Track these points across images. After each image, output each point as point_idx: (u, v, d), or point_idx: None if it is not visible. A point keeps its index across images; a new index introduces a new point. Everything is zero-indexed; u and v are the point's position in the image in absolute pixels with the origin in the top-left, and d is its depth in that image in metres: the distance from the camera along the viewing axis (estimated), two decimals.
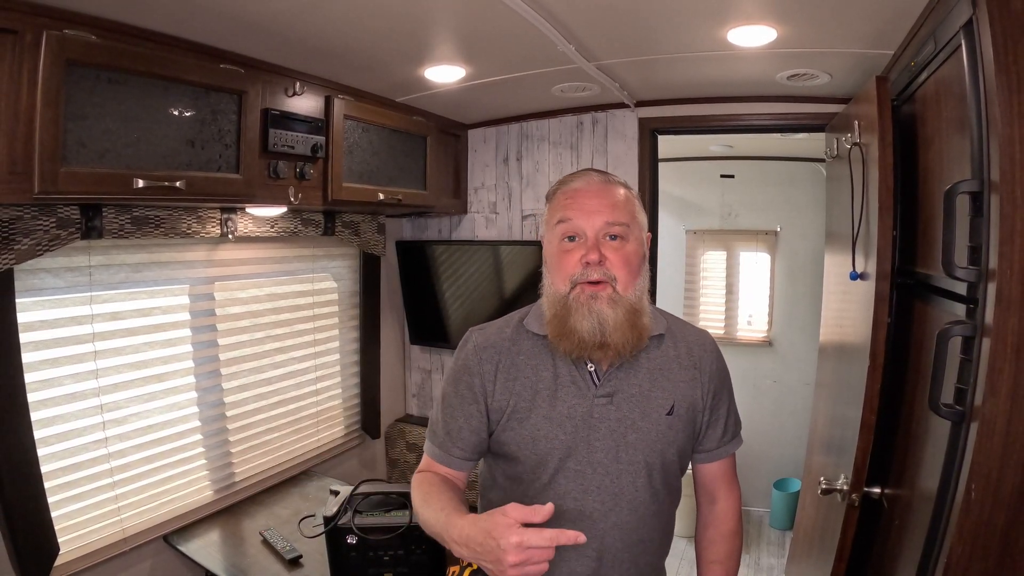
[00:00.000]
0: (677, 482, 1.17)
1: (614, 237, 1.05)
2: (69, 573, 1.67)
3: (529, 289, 2.61)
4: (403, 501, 1.54)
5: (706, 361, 1.16)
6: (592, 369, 1.09)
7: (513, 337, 1.14)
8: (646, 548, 1.12)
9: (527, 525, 0.86)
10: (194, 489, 2.06)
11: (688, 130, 2.56)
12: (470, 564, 1.15)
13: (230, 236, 2.01)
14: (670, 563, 3.25)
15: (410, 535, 1.48)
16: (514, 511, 0.86)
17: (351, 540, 1.47)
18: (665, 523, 1.16)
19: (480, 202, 2.91)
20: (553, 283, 1.08)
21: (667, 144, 2.74)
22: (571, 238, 1.06)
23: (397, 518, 1.51)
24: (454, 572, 1.17)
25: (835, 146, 1.89)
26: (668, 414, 1.10)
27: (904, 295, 1.49)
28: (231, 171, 1.71)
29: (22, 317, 1.54)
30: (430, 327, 2.97)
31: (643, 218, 1.12)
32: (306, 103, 1.96)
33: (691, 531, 1.39)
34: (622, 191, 1.09)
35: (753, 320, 4.00)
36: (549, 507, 0.87)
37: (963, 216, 1.04)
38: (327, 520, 1.48)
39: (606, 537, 1.07)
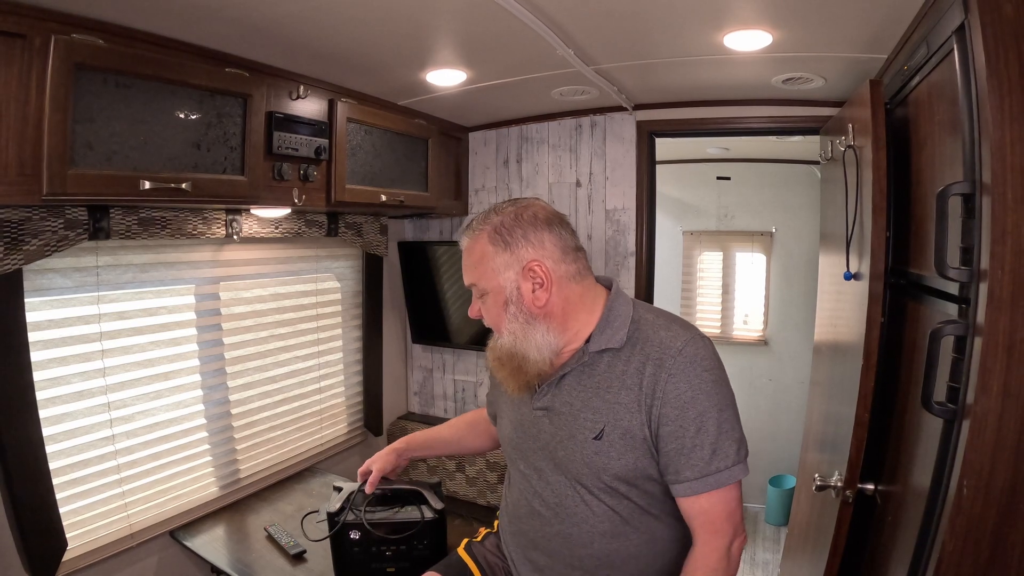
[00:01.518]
0: (658, 508, 1.08)
1: (476, 295, 1.13)
2: (77, 568, 1.69)
3: None
4: (407, 497, 1.53)
5: (660, 382, 1.00)
6: (537, 382, 1.13)
7: None
8: (616, 570, 1.09)
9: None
10: (200, 485, 2.08)
11: (685, 133, 2.58)
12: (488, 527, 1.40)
13: (235, 237, 2.03)
14: None
15: (413, 531, 1.46)
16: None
17: (354, 535, 1.46)
18: (644, 548, 1.09)
19: (481, 203, 2.93)
20: None
21: (664, 146, 2.75)
22: None
23: (401, 514, 1.49)
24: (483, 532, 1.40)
25: (829, 149, 1.90)
26: (595, 438, 1.04)
27: (897, 295, 1.50)
28: (236, 173, 1.73)
29: (31, 316, 1.56)
30: (431, 326, 2.99)
31: (495, 263, 1.07)
32: (310, 106, 1.98)
33: None
34: (476, 246, 1.10)
35: (749, 320, 4.03)
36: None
37: (955, 217, 1.05)
38: (331, 516, 1.47)
39: (552, 542, 1.12)
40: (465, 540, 1.38)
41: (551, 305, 1.07)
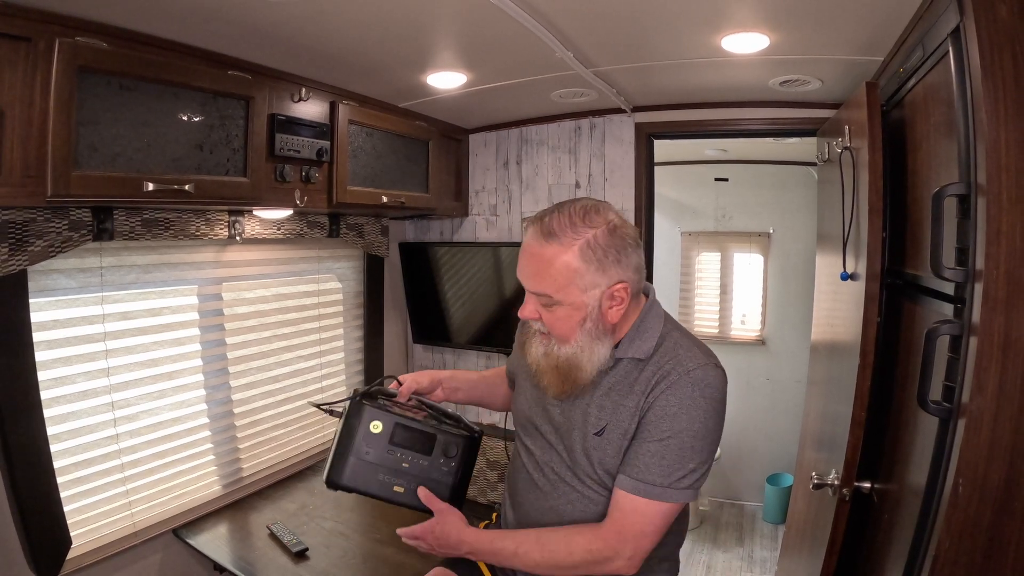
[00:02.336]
0: None
1: (543, 303, 1.06)
2: (81, 566, 1.70)
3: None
4: (438, 417, 1.28)
5: (657, 390, 1.04)
6: None
7: None
8: None
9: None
10: (203, 484, 2.09)
11: (683, 135, 2.59)
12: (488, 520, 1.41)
13: (238, 238, 2.04)
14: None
15: (441, 443, 1.22)
16: None
17: (375, 427, 1.17)
18: None
19: (481, 205, 2.95)
20: None
21: (663, 148, 2.76)
22: None
23: (431, 427, 1.22)
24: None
25: (826, 150, 1.90)
26: (596, 434, 1.09)
27: (893, 295, 1.51)
28: (239, 175, 1.74)
29: (35, 316, 1.57)
30: (432, 326, 3.01)
31: (587, 279, 1.03)
32: (311, 108, 2.00)
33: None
34: (551, 253, 1.02)
35: (746, 320, 4.05)
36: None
37: (951, 218, 1.05)
38: (357, 393, 1.20)
39: (546, 516, 1.16)
40: None
41: (617, 321, 1.09)
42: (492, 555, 1.12)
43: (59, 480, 1.63)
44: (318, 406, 1.21)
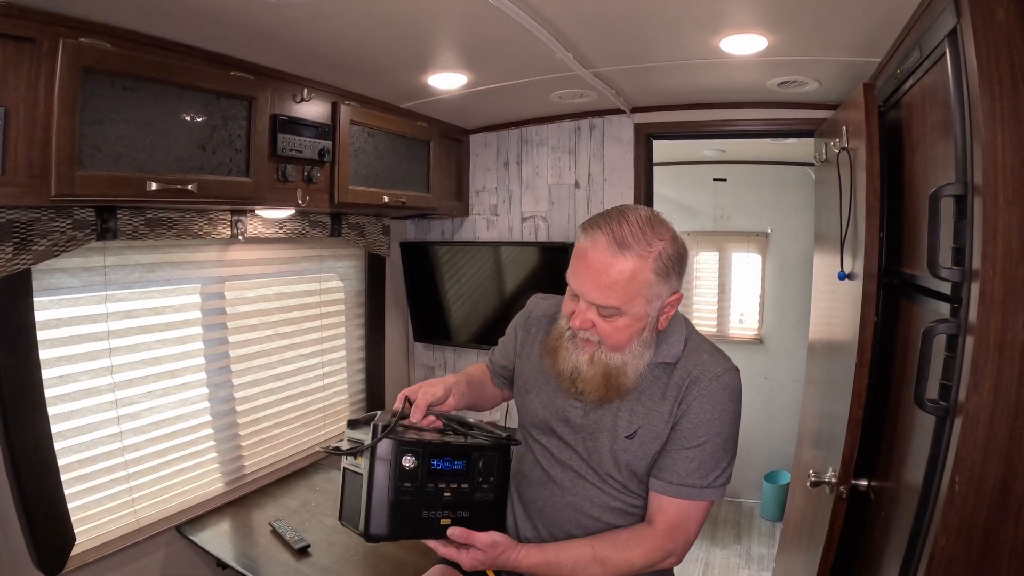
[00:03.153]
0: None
1: (604, 314, 1.03)
2: (85, 562, 1.71)
3: (528, 289, 2.65)
4: (459, 430, 1.13)
5: (690, 397, 1.07)
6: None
7: (552, 316, 1.22)
8: None
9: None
10: (206, 481, 2.11)
11: (682, 135, 2.60)
12: None
13: (240, 237, 2.05)
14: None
15: (479, 461, 1.09)
16: None
17: (408, 462, 1.01)
18: None
19: (481, 204, 2.96)
20: (562, 312, 1.12)
21: (662, 148, 2.77)
22: (574, 295, 1.07)
23: (468, 445, 1.09)
24: None
25: (824, 151, 1.91)
26: (628, 437, 1.09)
27: (890, 294, 1.51)
28: (241, 175, 1.75)
29: (40, 315, 1.58)
30: (433, 325, 3.02)
31: (653, 291, 1.02)
32: (313, 109, 2.00)
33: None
34: (628, 266, 0.99)
35: (744, 319, 4.07)
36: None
37: (947, 218, 1.06)
38: (378, 429, 1.01)
39: (560, 512, 1.16)
40: None
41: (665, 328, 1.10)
42: (546, 573, 1.08)
43: (63, 477, 1.63)
44: (334, 452, 1.05)
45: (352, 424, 1.12)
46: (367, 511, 1.00)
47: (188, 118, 1.60)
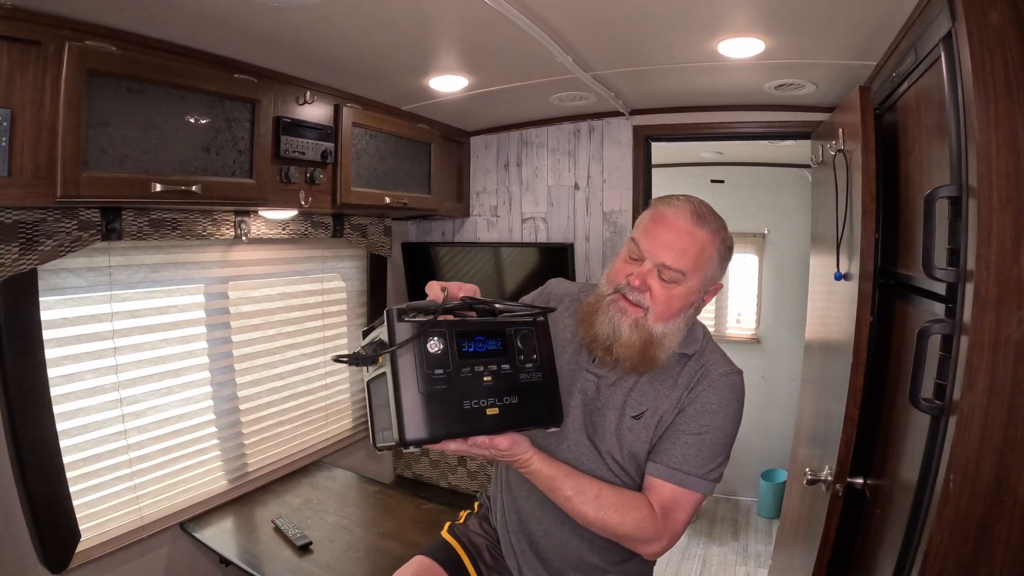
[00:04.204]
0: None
1: (668, 277, 1.07)
2: (90, 559, 1.73)
3: (528, 288, 2.66)
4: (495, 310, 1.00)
5: (698, 387, 1.11)
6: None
7: (576, 297, 1.25)
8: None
9: None
10: (209, 479, 2.12)
11: (680, 137, 2.62)
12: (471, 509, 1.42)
13: (243, 238, 2.07)
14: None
15: (515, 337, 0.98)
16: None
17: (434, 346, 0.89)
18: None
19: (482, 206, 2.98)
20: (604, 281, 1.14)
21: (660, 150, 2.79)
22: (635, 258, 1.10)
23: (500, 322, 0.97)
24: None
25: (820, 153, 1.92)
26: (634, 417, 1.11)
27: (886, 295, 1.52)
28: (244, 176, 1.77)
29: (45, 315, 1.59)
30: None
31: (712, 270, 1.09)
32: (316, 111, 2.02)
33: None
34: (704, 237, 1.07)
35: (742, 319, 4.10)
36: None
37: (942, 219, 1.07)
38: (395, 313, 0.88)
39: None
40: (448, 523, 1.41)
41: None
42: (547, 486, 1.06)
43: (68, 475, 1.65)
44: (342, 359, 0.90)
45: (366, 333, 0.98)
46: (398, 413, 0.85)
47: (192, 120, 1.62)
